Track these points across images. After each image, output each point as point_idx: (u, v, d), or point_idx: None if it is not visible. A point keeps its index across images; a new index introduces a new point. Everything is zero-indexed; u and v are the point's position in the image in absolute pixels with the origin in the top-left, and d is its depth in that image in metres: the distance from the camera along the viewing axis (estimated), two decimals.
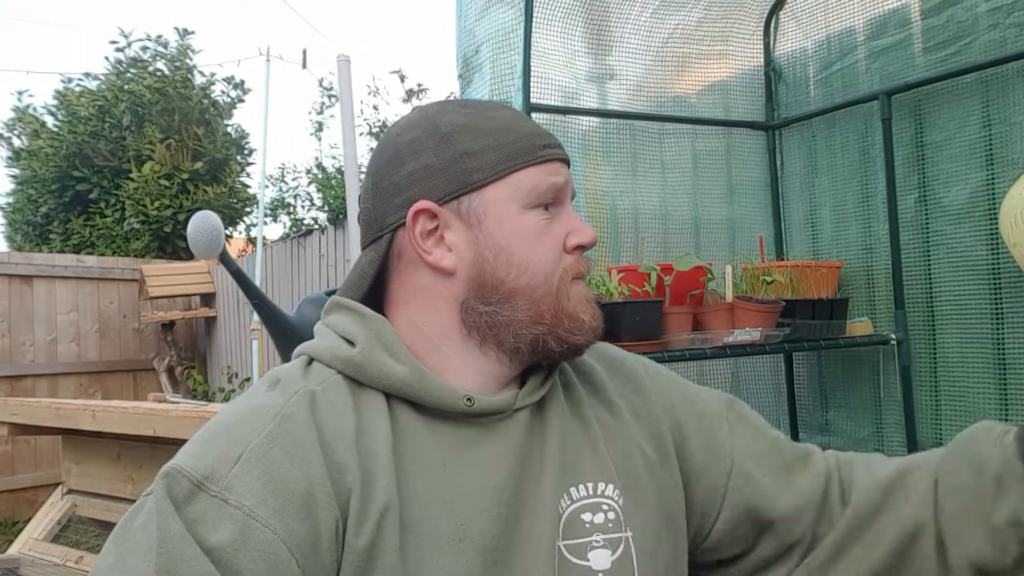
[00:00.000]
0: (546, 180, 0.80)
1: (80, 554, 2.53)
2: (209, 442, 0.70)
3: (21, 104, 8.24)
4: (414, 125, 0.83)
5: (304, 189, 7.85)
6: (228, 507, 0.65)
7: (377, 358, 0.76)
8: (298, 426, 0.70)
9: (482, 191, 0.79)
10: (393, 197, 0.80)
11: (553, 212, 0.81)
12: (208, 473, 0.66)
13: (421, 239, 0.79)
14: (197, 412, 2.19)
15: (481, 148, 0.79)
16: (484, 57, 1.84)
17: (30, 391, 5.69)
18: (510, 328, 0.79)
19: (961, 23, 1.90)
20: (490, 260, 0.79)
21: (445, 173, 0.79)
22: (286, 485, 0.67)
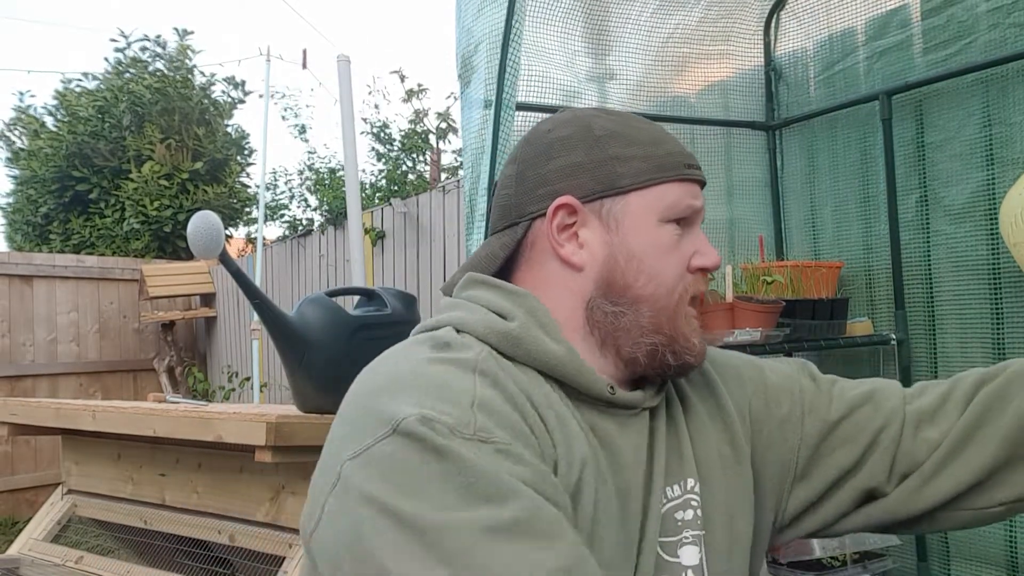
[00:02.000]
0: (686, 200, 0.84)
1: (80, 554, 2.53)
2: (431, 394, 0.68)
3: (23, 104, 8.25)
4: (567, 124, 0.86)
5: (298, 190, 7.86)
6: (494, 445, 0.65)
7: (534, 334, 0.78)
8: (500, 380, 0.72)
9: (626, 196, 0.82)
10: (537, 188, 0.83)
11: (684, 230, 0.84)
12: (456, 420, 0.65)
13: (557, 232, 0.82)
14: (197, 412, 2.19)
15: (631, 155, 0.82)
16: (482, 56, 1.83)
17: (30, 391, 5.69)
18: (631, 333, 0.81)
19: (961, 23, 1.90)
20: (621, 263, 0.82)
21: (593, 173, 0.82)
22: (519, 429, 0.69)
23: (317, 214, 6.91)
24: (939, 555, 2.00)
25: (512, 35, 1.60)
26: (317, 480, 0.70)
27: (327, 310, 1.93)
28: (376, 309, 2.02)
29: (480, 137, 1.73)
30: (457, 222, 4.11)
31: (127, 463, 2.54)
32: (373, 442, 0.65)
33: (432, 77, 27.46)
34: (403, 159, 7.20)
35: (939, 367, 2.00)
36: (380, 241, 4.80)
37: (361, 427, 0.67)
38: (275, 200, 7.74)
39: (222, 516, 2.03)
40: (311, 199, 7.56)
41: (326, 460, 0.70)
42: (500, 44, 1.64)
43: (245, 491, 1.96)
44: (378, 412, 0.67)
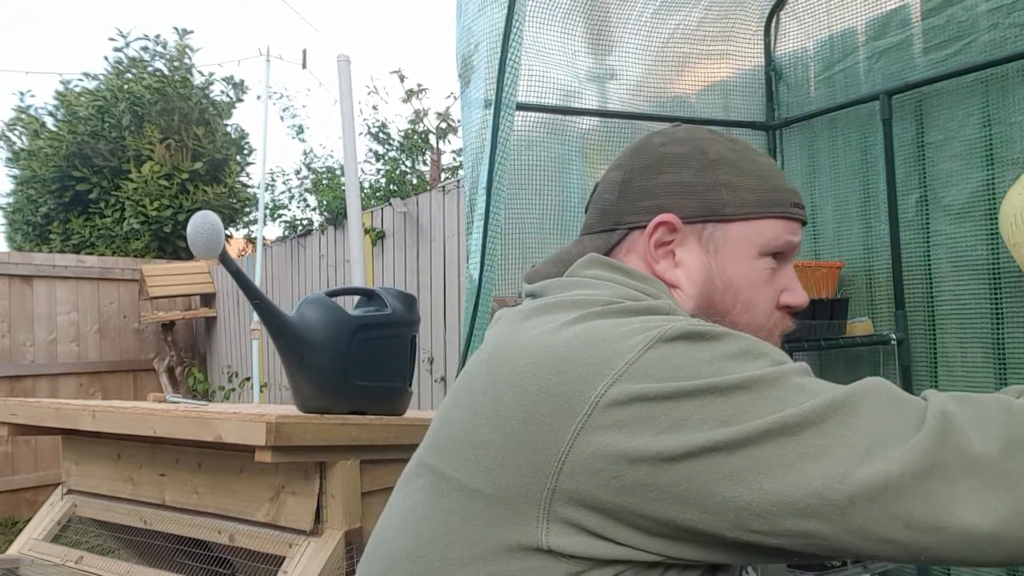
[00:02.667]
0: (785, 236, 0.85)
1: (80, 554, 2.53)
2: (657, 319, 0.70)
3: (23, 104, 8.25)
4: (681, 142, 0.86)
5: (297, 190, 7.86)
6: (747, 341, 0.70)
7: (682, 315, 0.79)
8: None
9: (728, 224, 0.83)
10: (641, 199, 0.84)
11: (778, 265, 0.86)
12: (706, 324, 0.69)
13: (654, 247, 0.83)
14: (197, 412, 2.19)
15: (740, 185, 0.83)
16: (482, 56, 1.83)
17: (30, 391, 5.69)
18: None
19: (961, 23, 1.90)
20: (719, 288, 0.83)
21: (700, 196, 0.83)
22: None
23: (317, 214, 6.91)
24: None
25: (512, 34, 1.60)
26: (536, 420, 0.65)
27: (327, 310, 1.93)
28: (376, 309, 2.02)
29: (480, 137, 1.73)
30: (457, 222, 4.11)
31: (127, 463, 2.54)
32: (634, 357, 0.64)
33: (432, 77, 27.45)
34: (402, 159, 7.20)
35: (939, 367, 2.00)
36: (380, 241, 4.80)
37: (600, 358, 0.65)
38: (275, 200, 7.75)
39: (222, 516, 2.03)
40: (311, 199, 7.57)
41: (555, 403, 0.65)
42: (500, 43, 1.64)
43: (245, 491, 1.96)
44: (619, 344, 0.66)
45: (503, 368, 0.71)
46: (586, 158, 2.23)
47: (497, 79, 1.62)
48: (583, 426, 0.63)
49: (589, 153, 2.23)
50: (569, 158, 2.16)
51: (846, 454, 0.60)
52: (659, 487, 0.62)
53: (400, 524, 0.76)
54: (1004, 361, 1.87)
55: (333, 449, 1.79)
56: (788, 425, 0.61)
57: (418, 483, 0.76)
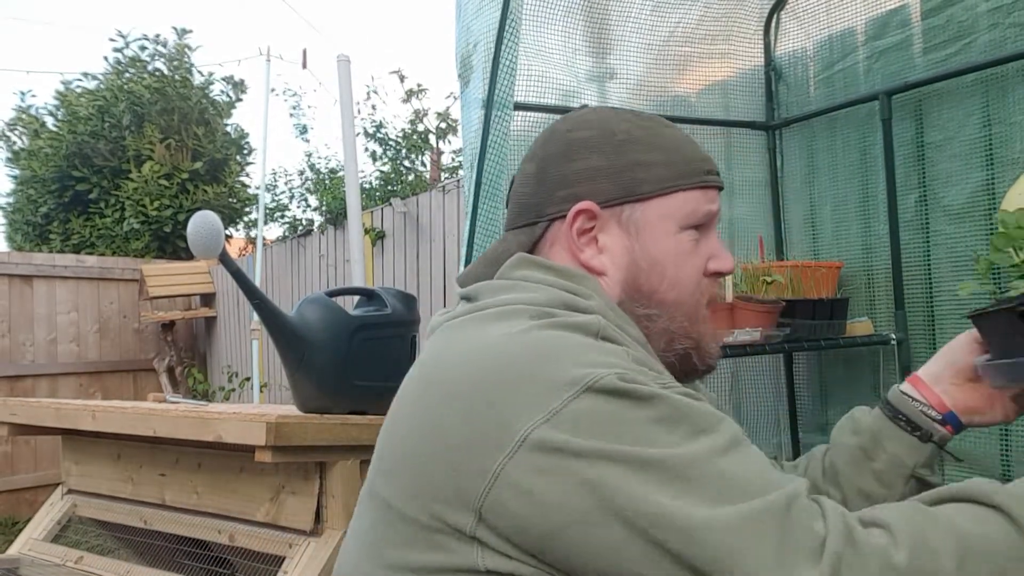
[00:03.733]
0: (705, 206, 0.84)
1: (80, 554, 2.53)
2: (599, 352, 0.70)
3: (24, 104, 8.25)
4: (589, 125, 0.85)
5: (298, 190, 7.86)
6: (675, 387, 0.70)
7: (611, 316, 0.79)
8: (624, 342, 0.75)
9: (646, 203, 0.82)
10: (557, 189, 0.83)
11: (702, 235, 0.85)
12: (637, 373, 0.69)
13: (577, 236, 0.83)
14: (197, 412, 2.19)
15: (652, 161, 0.82)
16: (481, 55, 1.83)
17: (30, 391, 5.69)
18: (663, 337, 0.83)
19: (961, 23, 1.90)
20: (644, 269, 0.83)
21: (614, 178, 0.82)
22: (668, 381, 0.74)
23: (317, 214, 6.92)
24: None
25: (506, 33, 1.60)
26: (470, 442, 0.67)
27: (327, 310, 1.93)
28: (376, 309, 2.02)
29: (479, 137, 1.73)
30: (457, 222, 4.11)
31: (127, 463, 2.54)
32: (562, 403, 0.65)
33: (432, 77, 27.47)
34: (401, 160, 7.20)
35: None
36: (380, 241, 4.80)
37: (533, 391, 0.66)
38: (275, 200, 7.75)
39: (222, 516, 2.03)
40: (311, 199, 7.57)
41: (480, 425, 0.67)
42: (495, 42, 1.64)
43: (245, 491, 1.96)
44: (552, 375, 0.66)
45: (436, 390, 0.73)
46: None
47: (490, 77, 1.61)
48: (508, 460, 0.65)
49: None
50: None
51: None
52: (566, 541, 0.64)
53: (354, 544, 0.79)
54: None
55: (333, 449, 1.79)
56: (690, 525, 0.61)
57: (366, 503, 0.78)
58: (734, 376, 2.37)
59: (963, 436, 1.93)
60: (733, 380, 2.37)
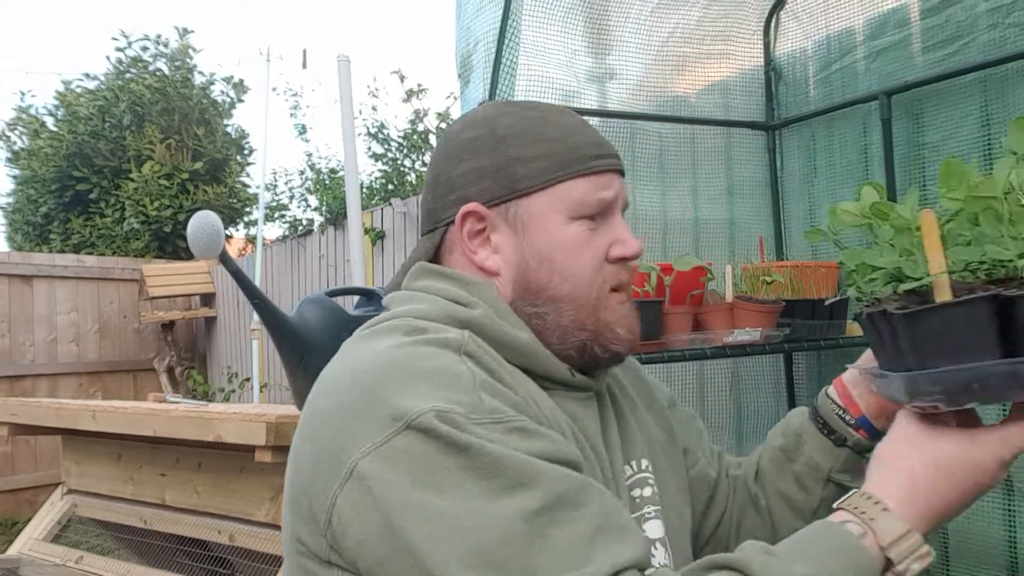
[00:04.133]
0: (594, 194, 0.81)
1: (80, 554, 2.53)
2: (437, 383, 0.69)
3: (24, 104, 8.25)
4: (476, 124, 0.84)
5: (298, 190, 7.86)
6: (508, 424, 0.67)
7: (498, 322, 0.79)
8: (484, 360, 0.74)
9: (529, 198, 0.81)
10: (448, 193, 0.83)
11: (599, 222, 0.82)
12: (467, 408, 0.67)
13: (468, 239, 0.82)
14: (197, 412, 2.19)
15: (532, 155, 0.81)
16: (480, 55, 1.84)
17: (30, 391, 5.69)
18: (555, 332, 0.81)
19: (960, 23, 1.90)
20: (533, 266, 0.81)
21: (496, 177, 0.81)
22: (519, 403, 0.72)
23: (317, 214, 6.92)
24: (939, 555, 2.01)
25: (507, 33, 1.60)
26: (318, 465, 0.69)
27: (327, 310, 1.93)
28: (376, 309, 2.02)
29: None
30: None
31: (127, 463, 2.54)
32: (385, 438, 0.65)
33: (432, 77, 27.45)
34: (401, 160, 7.20)
35: None
36: (380, 241, 4.80)
37: (368, 420, 0.67)
38: (275, 200, 7.75)
39: (222, 516, 2.03)
40: (311, 199, 7.57)
41: (327, 449, 0.69)
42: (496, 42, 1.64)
43: (245, 491, 1.97)
44: (385, 405, 0.67)
45: (307, 411, 0.76)
46: None
47: (491, 77, 1.62)
48: (340, 490, 0.67)
49: None
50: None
51: None
52: (382, 567, 0.64)
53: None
54: None
55: None
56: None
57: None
58: (734, 376, 2.37)
59: None
60: (733, 380, 2.37)
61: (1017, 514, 1.85)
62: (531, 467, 0.64)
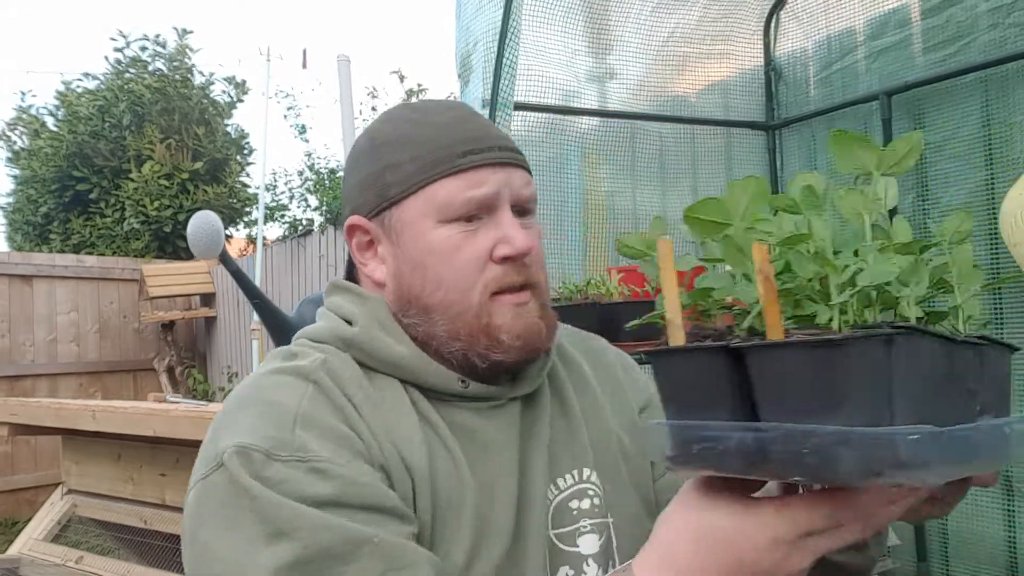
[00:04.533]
0: (462, 193, 0.75)
1: (80, 554, 2.53)
2: (259, 416, 0.70)
3: (24, 104, 8.25)
4: (365, 134, 0.83)
5: (298, 190, 7.86)
6: (310, 463, 0.66)
7: (376, 336, 0.77)
8: (330, 388, 0.72)
9: (400, 205, 0.78)
10: (345, 207, 0.83)
11: (479, 223, 0.76)
12: (273, 444, 0.66)
13: (359, 252, 0.82)
14: (197, 412, 2.19)
15: (400, 161, 0.78)
16: (480, 55, 1.84)
17: (30, 391, 5.69)
18: (433, 343, 0.78)
19: (961, 23, 1.90)
20: (407, 275, 0.78)
21: (372, 187, 0.79)
22: (345, 438, 0.69)
23: (317, 214, 6.92)
24: (939, 555, 2.01)
25: (509, 34, 1.60)
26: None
27: None
28: None
29: None
30: None
31: (127, 463, 2.54)
32: (204, 474, 0.68)
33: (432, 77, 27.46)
34: None
35: None
36: None
37: (204, 453, 0.70)
38: (275, 200, 7.75)
39: None
40: (311, 199, 7.57)
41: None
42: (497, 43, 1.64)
43: None
44: (216, 439, 0.69)
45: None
46: (586, 158, 2.23)
47: (493, 77, 1.62)
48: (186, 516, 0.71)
49: (589, 153, 2.23)
50: (569, 158, 2.16)
51: None
52: None
53: None
54: None
55: None
56: None
57: None
58: None
59: None
60: None
61: (1017, 514, 1.85)
62: (298, 517, 0.63)
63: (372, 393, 0.74)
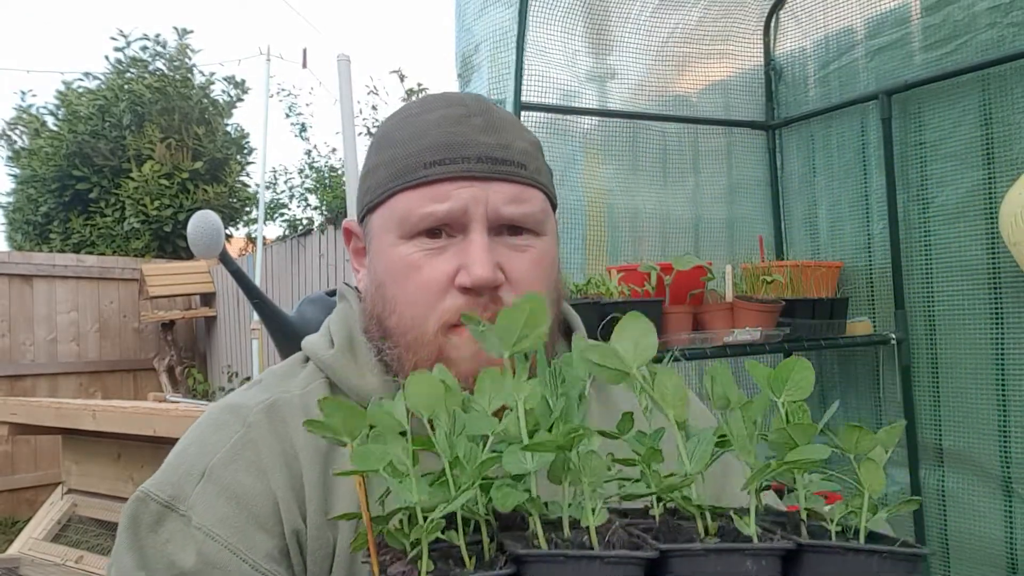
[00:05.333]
0: (421, 208, 0.66)
1: (80, 553, 2.53)
2: (183, 452, 0.69)
3: (24, 103, 8.25)
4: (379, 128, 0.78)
5: (298, 189, 7.85)
6: (191, 528, 0.64)
7: (345, 364, 0.71)
8: (262, 436, 0.68)
9: (374, 213, 0.70)
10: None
11: (449, 242, 0.67)
12: (175, 493, 0.66)
13: (354, 257, 0.76)
14: (197, 412, 2.19)
15: (378, 163, 0.70)
16: (483, 56, 1.84)
17: (30, 391, 5.69)
18: (395, 369, 0.70)
19: (959, 22, 1.90)
20: (372, 292, 0.71)
21: (361, 189, 0.74)
22: (248, 500, 0.65)
23: (317, 213, 6.92)
24: (939, 556, 2.01)
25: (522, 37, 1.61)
26: None
27: (327, 309, 1.92)
28: None
29: None
30: None
31: (127, 462, 2.54)
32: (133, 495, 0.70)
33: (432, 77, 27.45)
34: None
35: (939, 367, 2.00)
36: None
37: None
38: (275, 199, 7.74)
39: None
40: (311, 199, 7.56)
41: None
42: (503, 45, 1.64)
43: None
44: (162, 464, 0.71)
45: None
46: (587, 158, 2.23)
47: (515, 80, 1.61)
48: None
49: (590, 153, 2.23)
50: (570, 158, 2.16)
51: None
52: None
53: None
54: (1003, 360, 1.87)
55: None
56: None
57: None
58: (734, 376, 2.37)
59: (962, 435, 1.93)
60: (733, 380, 2.37)
61: (1016, 515, 1.85)
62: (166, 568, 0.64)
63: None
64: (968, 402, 1.93)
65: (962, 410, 1.94)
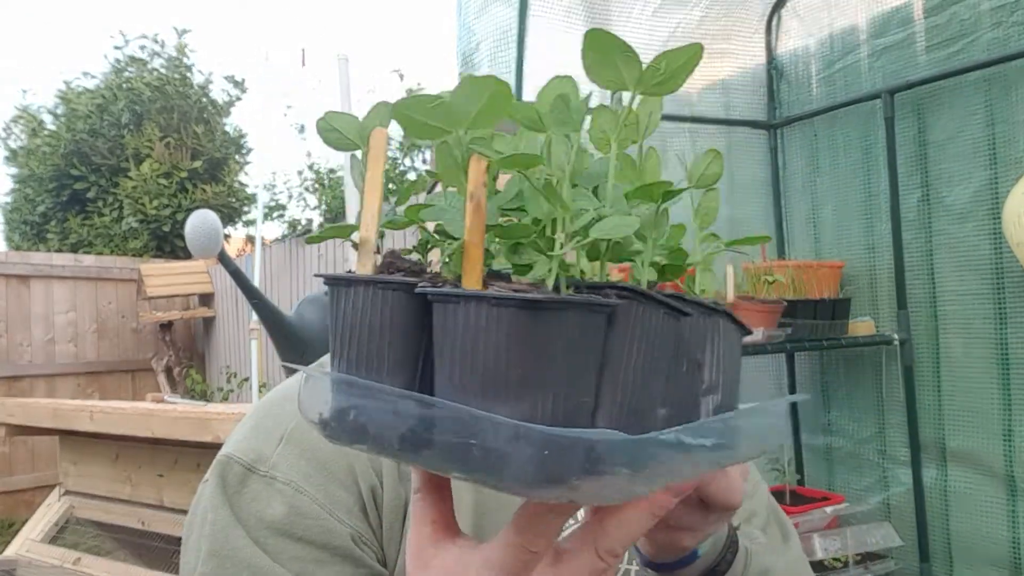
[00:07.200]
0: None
1: (78, 555, 2.52)
2: (257, 425, 0.74)
3: (24, 101, 8.24)
4: None
5: (297, 190, 7.84)
6: (277, 484, 0.69)
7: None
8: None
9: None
10: None
11: None
12: (256, 457, 0.71)
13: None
14: (195, 413, 2.18)
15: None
16: (483, 55, 1.83)
17: (27, 391, 5.67)
18: None
19: (964, 21, 1.89)
20: None
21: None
22: (326, 459, 0.71)
23: (316, 213, 6.91)
24: (942, 556, 2.00)
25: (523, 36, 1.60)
26: None
27: (326, 309, 1.92)
28: None
29: None
30: None
31: (125, 464, 2.53)
32: (205, 477, 0.73)
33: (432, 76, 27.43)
34: (400, 159, 7.18)
35: (942, 367, 1.99)
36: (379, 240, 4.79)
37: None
38: (274, 199, 7.74)
39: None
40: (310, 199, 7.55)
41: None
42: (503, 43, 1.63)
43: None
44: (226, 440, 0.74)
45: None
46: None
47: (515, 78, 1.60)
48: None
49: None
50: None
51: None
52: None
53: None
54: (1007, 360, 1.86)
55: None
56: None
57: None
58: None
59: (964, 436, 1.92)
60: None
61: (1019, 515, 1.84)
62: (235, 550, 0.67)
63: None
64: (972, 402, 1.92)
65: (966, 410, 1.94)
